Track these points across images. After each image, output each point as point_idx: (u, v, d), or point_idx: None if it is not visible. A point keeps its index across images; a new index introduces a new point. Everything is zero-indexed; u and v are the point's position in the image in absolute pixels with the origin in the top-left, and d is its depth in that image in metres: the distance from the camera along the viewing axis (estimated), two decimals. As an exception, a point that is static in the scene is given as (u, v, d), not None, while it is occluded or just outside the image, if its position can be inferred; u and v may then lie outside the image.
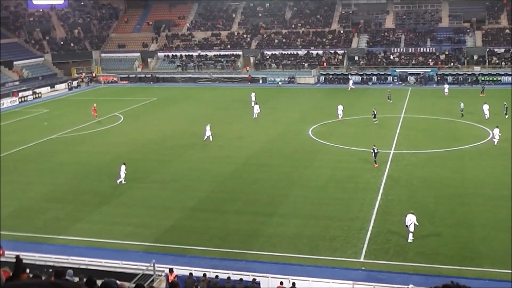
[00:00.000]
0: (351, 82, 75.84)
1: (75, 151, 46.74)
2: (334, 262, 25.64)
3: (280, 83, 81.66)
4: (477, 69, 79.97)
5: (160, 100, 71.78)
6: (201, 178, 38.16)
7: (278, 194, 34.65)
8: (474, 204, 31.88)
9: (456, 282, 6.13)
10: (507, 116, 52.26)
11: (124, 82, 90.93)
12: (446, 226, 28.41)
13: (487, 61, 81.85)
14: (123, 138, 50.52)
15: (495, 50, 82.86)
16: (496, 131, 43.84)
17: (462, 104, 54.28)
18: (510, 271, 23.97)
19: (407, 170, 38.39)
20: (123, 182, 36.85)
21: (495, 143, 43.43)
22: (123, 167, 37.03)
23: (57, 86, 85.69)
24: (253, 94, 63.96)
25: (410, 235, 27.11)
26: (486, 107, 53.08)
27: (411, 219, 27.14)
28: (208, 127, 46.99)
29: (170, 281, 21.96)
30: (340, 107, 54.71)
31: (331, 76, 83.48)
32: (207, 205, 33.43)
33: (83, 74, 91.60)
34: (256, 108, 57.15)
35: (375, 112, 53.10)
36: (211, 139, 46.61)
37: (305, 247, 27.14)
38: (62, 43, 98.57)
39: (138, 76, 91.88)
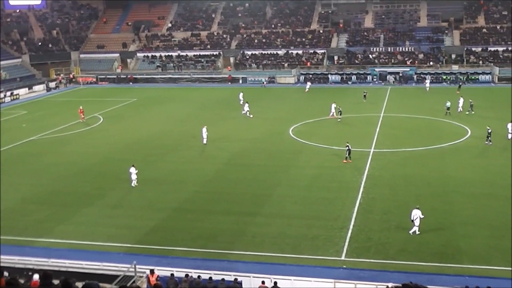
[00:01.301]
0: (308, 84, 75.41)
1: (57, 152, 46.31)
2: (316, 261, 25.68)
3: (265, 83, 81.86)
4: (455, 68, 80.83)
5: (140, 100, 71.40)
6: (185, 179, 38.04)
7: (262, 194, 34.65)
8: (455, 202, 32.18)
9: (415, 283, 6.25)
10: (473, 112, 54.76)
11: (104, 83, 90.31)
12: (427, 223, 28.54)
13: (465, 60, 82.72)
14: (104, 139, 50.15)
15: (473, 49, 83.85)
16: (510, 125, 44.42)
17: (448, 103, 54.93)
18: (489, 267, 24.27)
19: (388, 169, 38.60)
20: (135, 184, 36.42)
21: (509, 137, 44.03)
22: (132, 169, 36.46)
23: (35, 88, 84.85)
24: (241, 94, 64.23)
25: (416, 228, 27.54)
26: (461, 101, 56.12)
27: (416, 214, 27.57)
28: (204, 130, 46.49)
29: (151, 282, 21.83)
30: (334, 105, 55.08)
31: (311, 75, 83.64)
32: (191, 205, 33.32)
33: (61, 75, 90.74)
34: (246, 107, 57.40)
35: (340, 110, 53.90)
36: (205, 142, 46.11)
37: (288, 246, 27.16)
38: (40, 44, 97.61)
39: (118, 77, 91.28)
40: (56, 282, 18.60)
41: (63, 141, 49.95)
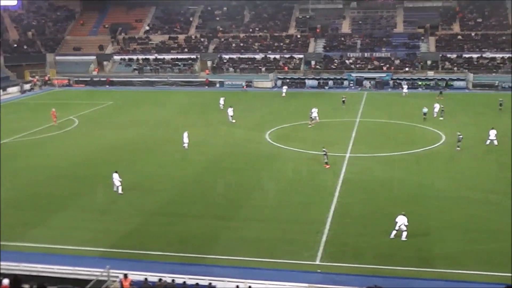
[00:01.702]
0: (284, 88, 75.68)
1: (30, 155, 45.52)
2: (291, 265, 25.58)
3: (245, 86, 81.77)
4: (430, 74, 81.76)
5: (117, 104, 70.85)
6: (162, 183, 37.74)
7: (238, 198, 34.51)
8: (431, 206, 32.33)
9: (379, 286, 6.21)
10: (442, 118, 55.62)
11: (80, 85, 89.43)
12: (402, 228, 28.70)
13: (440, 66, 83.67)
14: (79, 142, 49.50)
15: (448, 55, 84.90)
16: (493, 132, 44.97)
17: (425, 109, 55.60)
18: (465, 272, 24.42)
19: (363, 173, 38.75)
20: (119, 192, 35.42)
21: (495, 143, 44.66)
22: (115, 175, 35.49)
23: (10, 89, 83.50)
24: (222, 99, 64.12)
25: (404, 234, 27.56)
26: (437, 106, 57.04)
27: (401, 220, 27.60)
28: (185, 134, 46.11)
29: (125, 287, 21.59)
30: (315, 110, 54.91)
31: (288, 80, 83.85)
32: (167, 209, 33.01)
33: (36, 77, 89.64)
34: (230, 111, 56.91)
35: (312, 117, 54.17)
36: (186, 147, 45.70)
37: (263, 250, 27.02)
38: (15, 45, 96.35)
39: (94, 79, 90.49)
40: (26, 286, 18.33)
41: (37, 144, 49.26)
